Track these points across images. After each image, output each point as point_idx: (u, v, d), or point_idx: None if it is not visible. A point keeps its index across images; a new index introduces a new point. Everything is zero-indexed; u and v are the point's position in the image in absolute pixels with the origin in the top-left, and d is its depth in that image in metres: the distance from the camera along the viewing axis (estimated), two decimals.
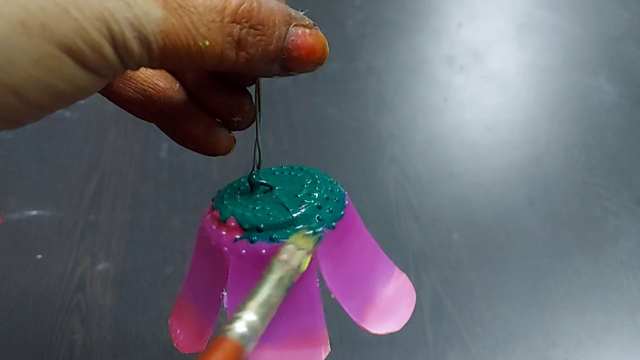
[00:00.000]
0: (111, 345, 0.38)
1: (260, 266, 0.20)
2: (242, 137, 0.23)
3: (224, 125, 0.22)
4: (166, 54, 0.16)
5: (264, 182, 0.23)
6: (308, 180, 0.23)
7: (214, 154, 0.22)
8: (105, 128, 0.53)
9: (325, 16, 0.66)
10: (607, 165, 0.51)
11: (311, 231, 0.21)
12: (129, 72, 0.20)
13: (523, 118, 0.56)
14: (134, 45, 0.16)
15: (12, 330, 0.38)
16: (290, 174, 0.24)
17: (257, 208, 0.21)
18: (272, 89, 0.57)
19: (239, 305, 0.18)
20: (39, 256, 0.42)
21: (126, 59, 0.16)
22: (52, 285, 0.41)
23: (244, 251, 0.20)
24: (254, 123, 0.22)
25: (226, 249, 0.21)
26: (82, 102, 0.60)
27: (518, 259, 0.43)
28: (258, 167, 0.23)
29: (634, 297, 0.41)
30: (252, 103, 0.22)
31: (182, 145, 0.22)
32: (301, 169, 0.24)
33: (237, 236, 0.21)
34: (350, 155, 0.51)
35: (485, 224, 0.46)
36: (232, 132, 0.22)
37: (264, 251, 0.20)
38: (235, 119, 0.21)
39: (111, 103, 0.21)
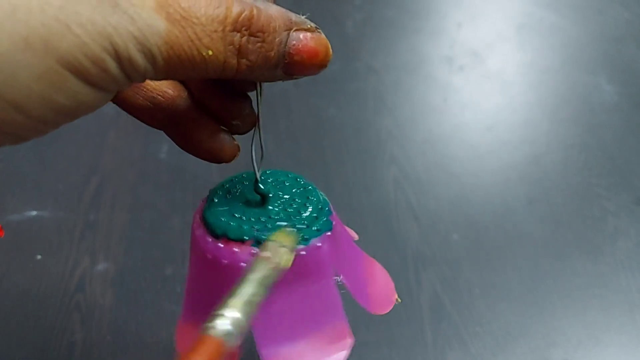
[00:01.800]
0: (111, 345, 0.38)
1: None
2: (243, 138, 0.23)
3: (228, 133, 0.22)
4: (170, 65, 0.16)
5: (269, 193, 0.23)
6: (300, 195, 0.23)
7: (218, 160, 0.22)
8: (105, 130, 0.53)
9: (325, 16, 0.67)
10: (606, 165, 0.51)
11: (293, 228, 0.21)
12: None
13: (522, 118, 0.56)
14: (138, 58, 0.16)
15: (12, 330, 0.38)
16: (285, 183, 0.24)
17: (245, 219, 0.22)
18: (272, 91, 0.57)
19: (222, 303, 0.18)
20: (39, 256, 0.42)
21: (130, 73, 0.16)
22: (51, 285, 0.41)
23: (243, 264, 0.21)
24: (255, 130, 0.23)
25: (226, 261, 0.21)
26: None
27: (517, 259, 0.44)
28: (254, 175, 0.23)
29: (633, 297, 0.41)
30: (252, 107, 0.22)
31: (188, 152, 0.22)
32: (289, 176, 0.24)
33: (236, 249, 0.21)
34: (349, 156, 0.51)
35: (485, 224, 0.46)
36: (234, 137, 0.22)
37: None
38: (234, 122, 0.22)
39: (111, 105, 0.21)
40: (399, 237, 0.45)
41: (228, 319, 0.17)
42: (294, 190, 0.23)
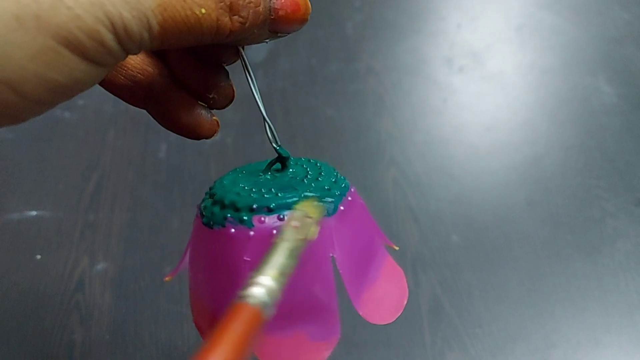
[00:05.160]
0: (110, 344, 0.38)
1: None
2: (240, 137, 0.23)
3: (206, 108, 0.22)
4: (166, 30, 0.16)
5: (289, 155, 0.23)
6: (313, 170, 0.23)
7: (197, 136, 0.22)
8: (104, 129, 0.53)
9: (325, 17, 0.67)
10: (606, 166, 0.51)
11: (319, 201, 0.21)
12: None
13: (522, 119, 0.56)
14: (133, 25, 0.15)
15: (12, 329, 0.38)
16: (300, 165, 0.24)
17: (265, 190, 0.22)
18: (270, 91, 0.57)
19: (257, 270, 0.17)
20: (39, 256, 0.42)
21: (126, 43, 0.16)
22: (51, 285, 0.41)
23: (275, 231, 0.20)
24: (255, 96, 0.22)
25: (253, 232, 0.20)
26: (81, 103, 0.59)
27: (517, 260, 0.43)
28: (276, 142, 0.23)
29: (632, 298, 0.41)
30: (229, 80, 0.22)
31: (168, 128, 0.22)
32: (308, 160, 0.25)
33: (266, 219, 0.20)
34: (349, 157, 0.51)
35: (484, 226, 0.46)
36: (214, 112, 0.23)
37: (274, 231, 0.20)
38: (212, 96, 0.22)
39: (110, 104, 0.21)
40: (398, 238, 0.45)
41: (264, 287, 0.16)
42: (305, 167, 0.24)
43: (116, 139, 0.52)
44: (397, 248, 0.26)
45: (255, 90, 0.22)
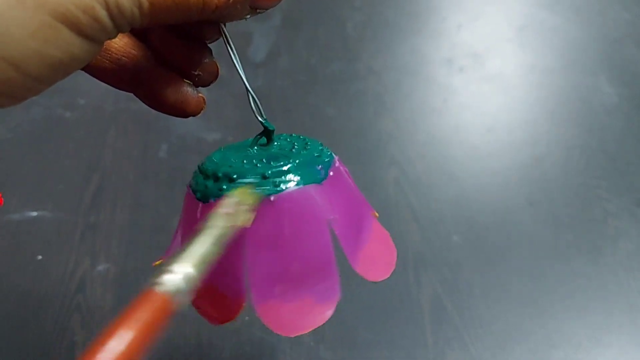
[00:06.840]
0: None
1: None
2: (240, 136, 0.23)
3: (191, 86, 0.23)
4: (155, 6, 0.17)
5: (273, 128, 0.24)
6: (298, 142, 0.24)
7: (185, 114, 0.23)
8: (105, 129, 0.53)
9: (325, 17, 0.67)
10: (607, 166, 0.51)
11: (256, 188, 0.21)
12: (105, 44, 0.21)
13: (523, 119, 0.56)
14: (125, 2, 0.16)
15: (12, 331, 0.38)
16: (284, 139, 0.25)
17: (248, 163, 0.22)
18: (270, 89, 0.57)
19: (174, 257, 0.17)
20: (39, 257, 0.42)
21: (118, 19, 0.17)
22: (52, 286, 0.41)
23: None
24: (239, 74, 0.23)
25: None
26: (82, 102, 0.59)
27: (518, 260, 0.43)
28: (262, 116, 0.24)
29: (634, 298, 0.41)
30: (212, 57, 0.23)
31: (156, 109, 0.23)
32: (291, 135, 0.26)
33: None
34: (349, 157, 0.51)
35: (485, 225, 0.46)
36: (200, 90, 0.23)
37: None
38: (196, 73, 0.22)
39: (110, 104, 0.22)
40: (399, 238, 0.44)
41: (179, 274, 0.16)
42: (290, 140, 0.24)
43: (117, 138, 0.52)
44: (377, 215, 0.27)
45: (238, 63, 0.22)
